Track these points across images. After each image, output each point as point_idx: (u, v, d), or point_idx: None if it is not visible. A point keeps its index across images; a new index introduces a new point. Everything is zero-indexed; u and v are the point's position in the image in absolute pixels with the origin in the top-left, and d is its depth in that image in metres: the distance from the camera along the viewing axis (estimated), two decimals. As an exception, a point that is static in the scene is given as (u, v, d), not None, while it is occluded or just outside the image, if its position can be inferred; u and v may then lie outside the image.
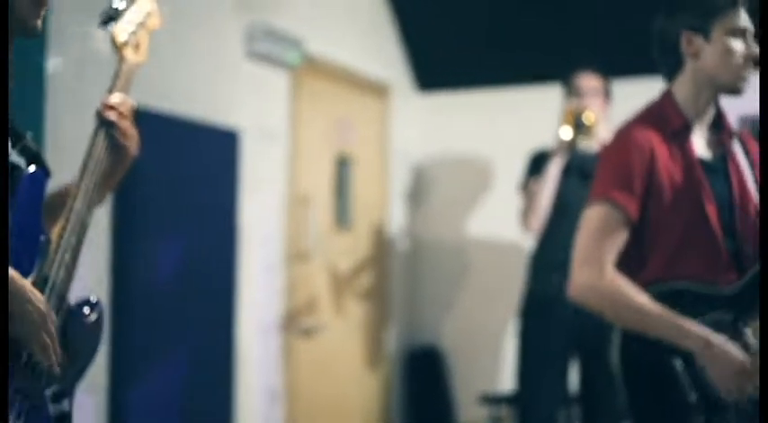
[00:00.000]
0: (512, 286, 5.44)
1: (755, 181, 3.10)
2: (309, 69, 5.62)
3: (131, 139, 2.45)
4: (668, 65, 3.11)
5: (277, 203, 5.39)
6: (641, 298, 2.92)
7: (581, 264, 3.01)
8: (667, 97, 3.11)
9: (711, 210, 2.98)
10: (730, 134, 3.14)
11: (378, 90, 6.42)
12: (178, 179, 4.55)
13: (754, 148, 3.19)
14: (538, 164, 5.20)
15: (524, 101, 6.47)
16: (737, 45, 2.99)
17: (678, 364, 2.88)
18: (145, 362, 4.40)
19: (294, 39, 5.34)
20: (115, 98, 2.43)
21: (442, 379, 6.66)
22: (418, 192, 6.87)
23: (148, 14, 2.60)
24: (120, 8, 2.51)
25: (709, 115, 3.12)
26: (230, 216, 4.94)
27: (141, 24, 2.57)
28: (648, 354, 2.92)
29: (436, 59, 6.73)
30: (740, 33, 3.00)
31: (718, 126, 3.14)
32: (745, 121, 5.99)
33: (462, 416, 6.62)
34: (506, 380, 6.04)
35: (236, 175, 4.96)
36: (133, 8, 2.54)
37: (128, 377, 4.28)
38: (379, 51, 6.49)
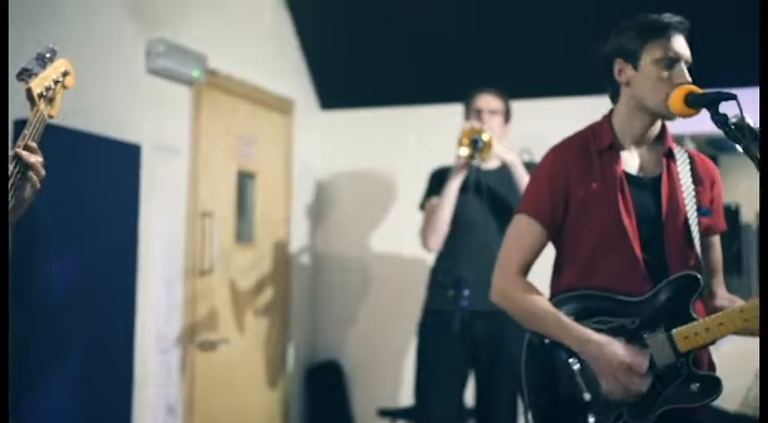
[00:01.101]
0: (413, 302, 5.47)
1: (697, 197, 3.20)
2: (212, 85, 5.64)
3: (41, 176, 2.67)
4: (610, 89, 3.25)
5: (179, 218, 5.40)
6: (536, 301, 3.13)
7: (497, 270, 3.23)
8: (606, 118, 3.26)
9: (629, 222, 3.09)
10: (669, 153, 3.24)
11: (281, 107, 6.46)
12: (78, 193, 4.53)
13: (704, 165, 3.32)
14: (438, 181, 5.26)
15: (427, 119, 6.57)
16: (666, 73, 3.07)
17: (575, 365, 3.03)
18: (42, 377, 4.37)
19: (197, 54, 5.36)
20: (31, 143, 2.65)
21: (342, 394, 6.70)
22: (321, 208, 6.92)
23: (64, 74, 2.84)
24: (32, 68, 2.75)
25: (650, 135, 3.23)
26: (131, 230, 4.93)
27: (57, 82, 2.80)
28: (548, 355, 3.09)
29: (340, 77, 6.79)
30: (670, 61, 3.07)
31: (660, 145, 3.25)
32: (695, 138, 6.17)
33: (361, 429, 6.68)
34: (407, 394, 6.10)
35: (137, 189, 4.96)
36: (50, 67, 2.78)
37: (25, 393, 4.24)
38: (283, 68, 6.53)
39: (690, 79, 3.09)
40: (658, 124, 3.24)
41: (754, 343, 3.25)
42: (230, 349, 5.78)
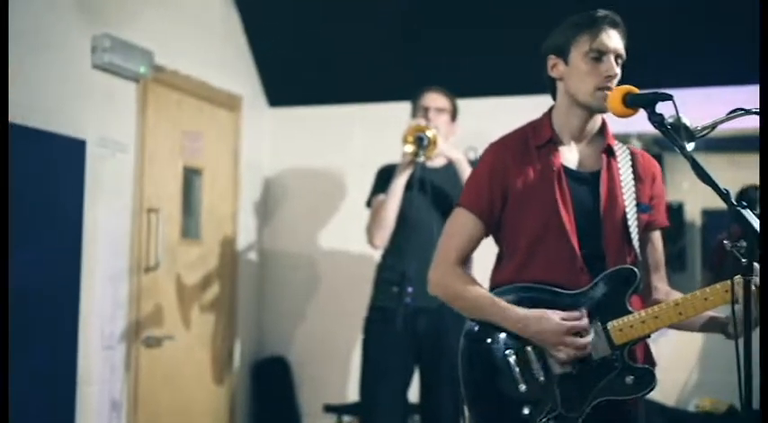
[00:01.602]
0: (361, 298, 5.49)
1: (637, 193, 3.24)
2: (159, 81, 5.63)
3: None
4: (549, 86, 3.28)
5: (124, 214, 5.38)
6: (473, 289, 3.18)
7: (435, 261, 3.27)
8: (546, 114, 3.29)
9: (567, 216, 3.12)
10: (609, 149, 3.27)
11: (228, 103, 6.45)
12: (21, 188, 4.49)
13: (646, 163, 3.35)
14: (384, 179, 5.29)
15: (375, 117, 6.59)
16: (594, 66, 3.10)
17: (511, 356, 3.08)
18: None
19: (143, 50, 5.34)
20: None
21: (289, 390, 6.71)
22: (269, 204, 6.92)
23: None
24: None
25: (590, 131, 3.25)
26: (75, 226, 4.91)
27: None
28: (484, 348, 3.13)
29: (288, 74, 6.79)
30: (598, 54, 3.10)
31: (600, 141, 3.28)
32: (641, 137, 6.22)
33: (307, 425, 6.70)
34: (354, 390, 6.13)
35: (81, 185, 4.94)
36: None
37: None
38: (231, 65, 6.52)
39: (618, 72, 3.12)
40: (598, 120, 3.26)
41: (691, 338, 3.31)
42: (176, 345, 5.77)
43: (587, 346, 3.04)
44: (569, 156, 3.23)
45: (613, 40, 3.13)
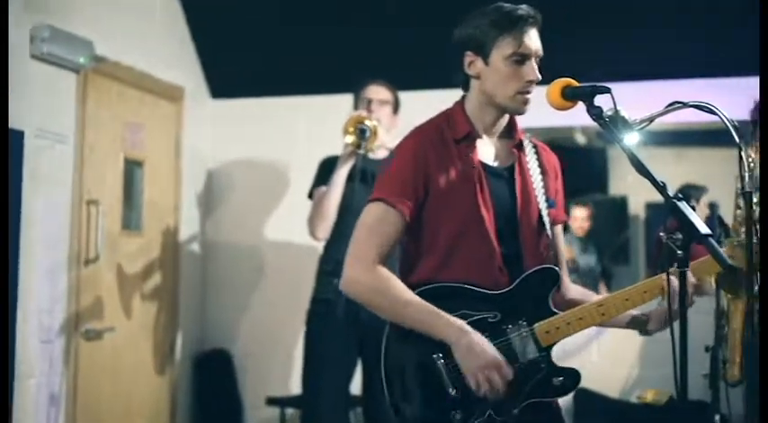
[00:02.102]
0: (305, 290, 5.47)
1: (545, 188, 3.23)
2: (99, 72, 5.57)
3: None
4: (460, 79, 3.19)
5: (63, 206, 5.32)
6: (404, 292, 3.01)
7: (352, 259, 3.08)
8: (459, 106, 3.20)
9: (487, 214, 3.08)
10: (520, 144, 3.24)
11: (170, 94, 6.41)
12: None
13: (548, 156, 3.33)
14: (326, 170, 5.28)
15: (318, 109, 6.58)
16: (517, 70, 3.05)
17: (440, 359, 2.99)
18: None
19: (83, 41, 5.28)
20: None
21: (232, 382, 6.69)
22: (212, 196, 6.89)
23: None
24: None
25: (500, 126, 3.21)
26: (12, 218, 4.85)
27: None
28: (411, 350, 3.02)
29: (230, 66, 6.76)
30: (521, 57, 3.05)
31: (509, 136, 3.24)
32: (585, 131, 6.25)
33: (251, 418, 6.67)
34: (297, 383, 6.12)
35: (19, 176, 4.88)
36: None
37: None
38: (173, 56, 6.48)
39: (539, 76, 3.10)
40: (507, 114, 3.23)
41: (633, 335, 3.33)
42: (116, 338, 5.73)
43: (500, 391, 2.95)
44: (485, 151, 3.18)
45: (534, 40, 3.07)
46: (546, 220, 3.20)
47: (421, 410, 3.01)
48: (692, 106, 2.98)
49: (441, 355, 2.99)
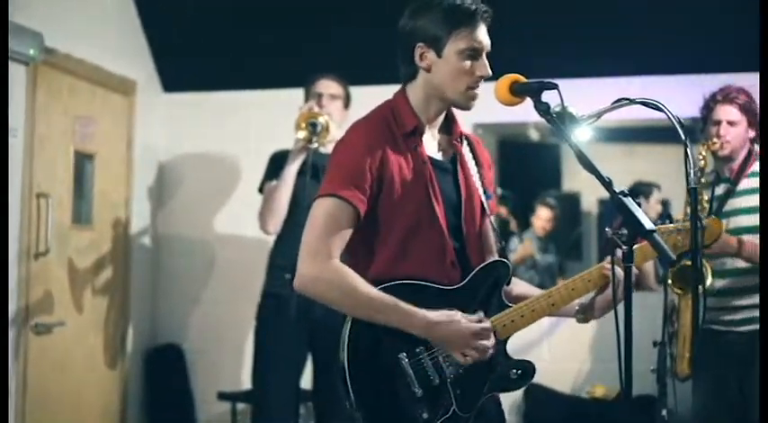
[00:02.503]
0: (256, 285, 5.47)
1: (482, 180, 3.25)
2: (50, 64, 5.53)
3: None
4: (405, 70, 3.16)
5: (12, 199, 5.27)
6: (367, 287, 2.97)
7: (307, 256, 3.01)
8: (402, 99, 3.16)
9: (439, 209, 3.07)
10: (460, 138, 3.24)
11: (122, 88, 6.37)
12: None
13: (481, 149, 3.34)
14: (277, 165, 5.28)
15: (270, 103, 6.57)
16: (469, 65, 3.04)
17: (404, 360, 2.98)
18: None
19: (33, 33, 5.24)
20: None
21: (183, 377, 6.67)
22: (163, 190, 6.87)
23: None
24: None
25: (441, 119, 3.20)
26: (-39, 211, 4.82)
27: None
28: (375, 350, 2.98)
29: (183, 60, 6.73)
30: (474, 52, 3.05)
31: (449, 130, 3.24)
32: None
33: (202, 413, 6.66)
34: (248, 378, 6.11)
35: (-32, 169, 4.85)
36: None
37: None
38: (125, 49, 6.44)
39: (490, 72, 3.11)
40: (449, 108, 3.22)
41: (583, 329, 3.37)
42: (67, 332, 5.69)
43: (491, 347, 3.01)
44: (430, 144, 3.18)
45: (485, 36, 3.08)
46: (487, 212, 3.22)
47: (387, 411, 2.98)
48: (638, 103, 3.01)
49: (405, 354, 2.98)
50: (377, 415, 2.98)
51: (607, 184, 2.73)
